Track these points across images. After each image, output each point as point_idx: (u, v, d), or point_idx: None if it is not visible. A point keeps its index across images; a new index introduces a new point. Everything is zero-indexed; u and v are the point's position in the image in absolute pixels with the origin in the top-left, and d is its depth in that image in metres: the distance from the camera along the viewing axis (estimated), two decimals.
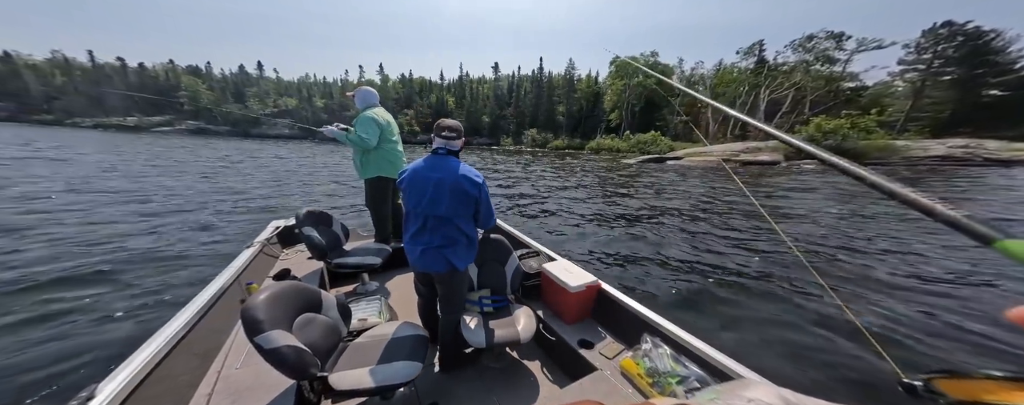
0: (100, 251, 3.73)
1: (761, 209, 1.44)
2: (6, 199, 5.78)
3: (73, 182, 7.39)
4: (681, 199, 8.37)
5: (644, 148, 31.37)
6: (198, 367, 1.27)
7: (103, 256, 3.58)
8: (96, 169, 9.52)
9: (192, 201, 6.37)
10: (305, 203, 6.69)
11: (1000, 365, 2.16)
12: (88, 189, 6.82)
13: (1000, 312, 0.37)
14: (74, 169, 9.27)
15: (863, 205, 7.33)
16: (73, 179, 7.76)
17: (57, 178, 7.82)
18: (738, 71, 34.61)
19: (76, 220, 4.87)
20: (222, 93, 54.03)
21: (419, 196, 1.29)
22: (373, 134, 2.24)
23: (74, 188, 6.85)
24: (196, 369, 1.26)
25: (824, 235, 5.07)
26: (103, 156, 12.77)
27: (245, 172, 10.68)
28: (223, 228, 4.88)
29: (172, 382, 1.14)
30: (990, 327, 2.52)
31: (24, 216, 4.93)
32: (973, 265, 3.86)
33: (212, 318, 1.46)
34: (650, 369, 1.22)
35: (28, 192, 6.26)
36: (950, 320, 2.68)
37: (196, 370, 1.25)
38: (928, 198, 0.32)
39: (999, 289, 3.32)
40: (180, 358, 1.21)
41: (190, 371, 1.23)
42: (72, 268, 3.24)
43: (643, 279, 3.45)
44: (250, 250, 2.14)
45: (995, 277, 3.51)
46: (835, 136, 18.50)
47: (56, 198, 6.00)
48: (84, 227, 4.55)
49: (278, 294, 1.06)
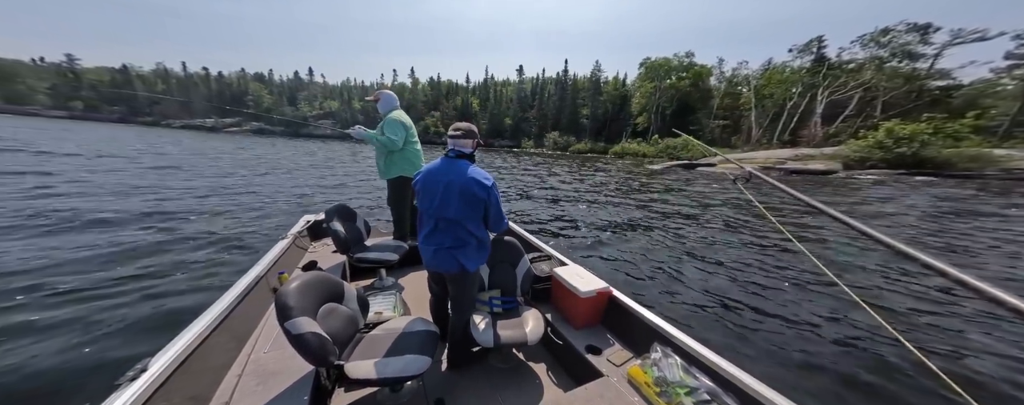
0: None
1: (781, 226, 1.26)
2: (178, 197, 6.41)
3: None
4: (701, 207, 7.58)
5: (673, 153, 29.40)
6: (233, 349, 1.36)
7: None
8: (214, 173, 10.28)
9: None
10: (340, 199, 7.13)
11: None
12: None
13: None
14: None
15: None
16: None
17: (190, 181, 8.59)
18: (790, 70, 30.98)
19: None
20: (279, 97, 60.78)
21: (430, 198, 1.32)
22: (400, 136, 2.33)
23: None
24: (231, 351, 1.35)
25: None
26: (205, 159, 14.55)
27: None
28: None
29: (210, 362, 1.23)
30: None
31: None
32: None
33: (248, 304, 1.57)
34: (658, 378, 1.20)
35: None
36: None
37: (231, 352, 1.34)
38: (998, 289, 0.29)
39: None
40: (218, 340, 1.31)
41: (226, 353, 1.32)
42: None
43: (653, 288, 3.29)
44: (283, 242, 2.32)
45: None
46: (911, 143, 15.62)
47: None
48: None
49: (308, 283, 1.14)
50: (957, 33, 24.49)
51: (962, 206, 8.02)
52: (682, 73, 36.84)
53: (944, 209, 7.63)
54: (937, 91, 24.90)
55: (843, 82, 26.85)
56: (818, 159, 17.70)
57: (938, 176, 14.12)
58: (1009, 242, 5.11)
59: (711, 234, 5.41)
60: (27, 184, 6.51)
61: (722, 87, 36.62)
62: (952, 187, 11.53)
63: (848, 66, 27.71)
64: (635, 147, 34.57)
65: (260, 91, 60.00)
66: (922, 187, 11.63)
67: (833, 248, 4.75)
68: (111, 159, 11.02)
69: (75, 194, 6.02)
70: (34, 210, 4.82)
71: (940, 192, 10.26)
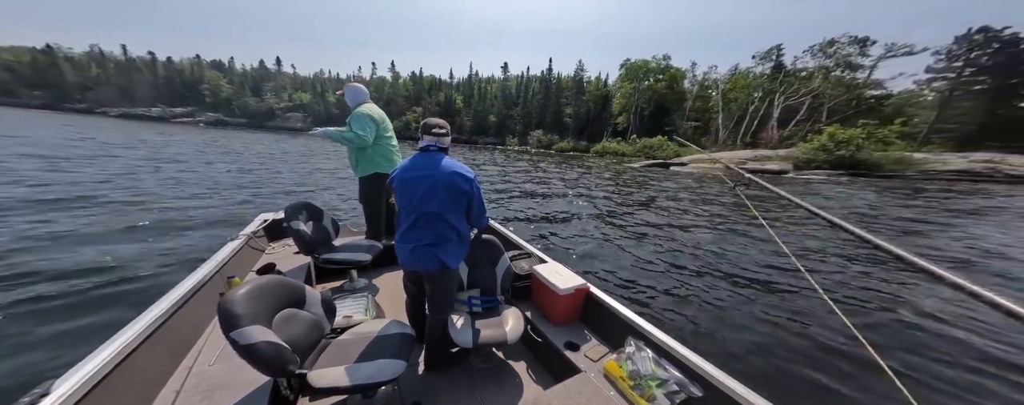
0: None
1: (770, 229, 1.46)
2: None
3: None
4: (679, 203, 8.28)
5: (649, 153, 30.90)
6: (168, 363, 1.25)
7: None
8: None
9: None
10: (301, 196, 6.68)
11: None
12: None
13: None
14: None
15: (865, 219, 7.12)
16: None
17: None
18: (753, 76, 33.56)
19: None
20: (241, 87, 56.03)
21: (411, 193, 1.29)
22: (370, 130, 2.19)
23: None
24: (166, 365, 1.24)
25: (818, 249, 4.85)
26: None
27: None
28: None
29: (138, 379, 1.11)
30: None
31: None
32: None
33: (188, 312, 1.43)
34: (632, 372, 1.23)
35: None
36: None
37: (166, 366, 1.23)
38: (974, 283, 0.34)
39: None
40: (149, 353, 1.18)
41: (159, 367, 1.21)
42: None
43: (630, 280, 3.46)
44: (234, 243, 2.11)
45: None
46: (848, 146, 17.78)
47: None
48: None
49: (259, 288, 1.06)
50: (890, 47, 27.87)
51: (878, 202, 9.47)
52: (659, 75, 38.59)
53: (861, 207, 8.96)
54: (872, 100, 28.29)
55: (796, 89, 29.64)
56: (773, 160, 19.62)
57: (870, 177, 16.26)
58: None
59: (687, 227, 5.91)
60: None
61: (694, 90, 38.90)
62: (862, 187, 13.39)
63: (801, 74, 30.55)
64: (615, 146, 35.76)
65: (217, 80, 54.95)
66: (852, 185, 13.43)
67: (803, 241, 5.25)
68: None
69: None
70: None
71: (854, 191, 11.93)
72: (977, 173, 15.57)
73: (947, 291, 3.63)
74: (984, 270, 4.49)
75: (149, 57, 57.24)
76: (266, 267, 2.04)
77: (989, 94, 23.70)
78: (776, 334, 2.63)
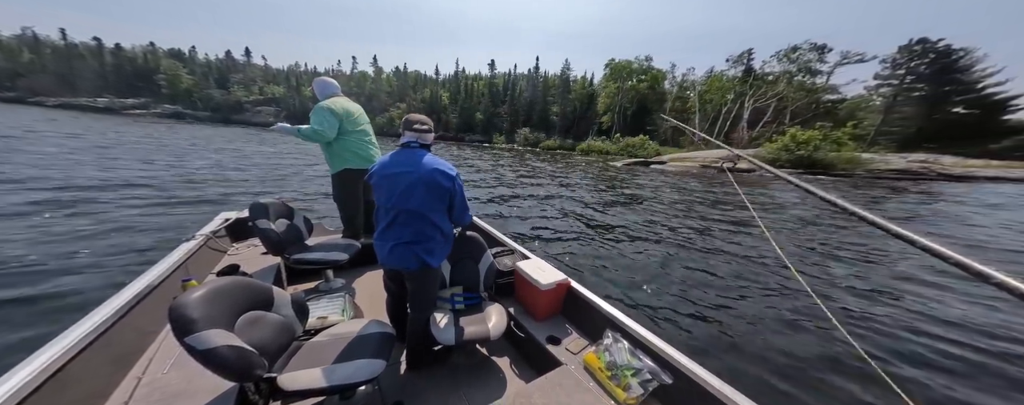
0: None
1: (754, 213, 1.69)
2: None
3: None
4: (659, 197, 8.85)
5: (632, 151, 32.03)
6: (113, 373, 1.16)
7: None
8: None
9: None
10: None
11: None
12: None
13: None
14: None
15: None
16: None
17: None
18: (727, 78, 35.48)
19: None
20: (204, 78, 52.18)
21: (390, 190, 1.26)
22: (329, 125, 2.08)
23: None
24: (110, 374, 1.15)
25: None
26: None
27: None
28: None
29: (77, 388, 1.02)
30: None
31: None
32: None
33: (136, 318, 1.33)
34: (610, 363, 1.27)
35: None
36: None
37: (110, 376, 1.15)
38: (936, 242, 0.38)
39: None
40: (90, 362, 1.08)
41: (104, 377, 1.13)
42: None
43: (605, 272, 3.65)
44: (191, 243, 1.97)
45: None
46: (807, 147, 19.47)
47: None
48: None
49: (218, 291, 1.00)
50: (845, 54, 30.46)
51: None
52: (642, 76, 39.83)
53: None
54: (829, 104, 30.87)
55: (764, 92, 31.77)
56: (743, 159, 21.07)
57: (826, 175, 17.96)
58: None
59: (665, 221, 6.30)
60: None
61: (674, 91, 40.52)
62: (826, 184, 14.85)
63: (768, 77, 32.71)
64: (599, 145, 36.61)
65: (175, 70, 50.39)
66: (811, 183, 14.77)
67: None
68: None
69: None
70: None
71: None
72: (914, 172, 17.66)
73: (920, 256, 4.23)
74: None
75: (94, 43, 51.77)
76: (229, 268, 1.94)
77: (927, 100, 26.62)
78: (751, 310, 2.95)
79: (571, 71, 45.85)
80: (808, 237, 5.83)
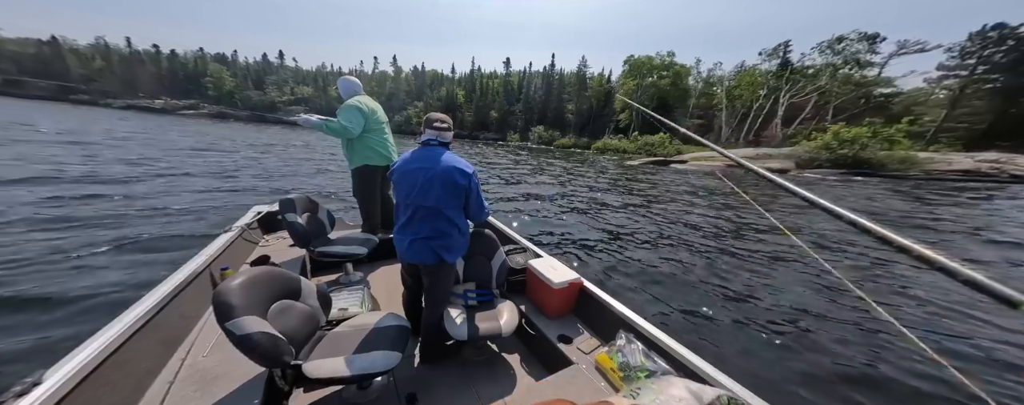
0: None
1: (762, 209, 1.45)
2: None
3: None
4: (677, 198, 8.25)
5: (650, 150, 30.63)
6: (161, 354, 1.24)
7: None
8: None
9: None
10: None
11: None
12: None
13: None
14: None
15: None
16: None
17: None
18: (759, 73, 32.99)
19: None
20: (243, 80, 56.38)
21: (409, 187, 1.30)
22: (356, 123, 2.17)
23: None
24: (159, 356, 1.23)
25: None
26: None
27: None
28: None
29: (130, 369, 1.10)
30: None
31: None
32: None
33: (180, 304, 1.42)
34: (622, 364, 1.26)
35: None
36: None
37: (158, 357, 1.23)
38: (947, 257, 0.30)
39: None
40: (142, 344, 1.17)
41: (152, 358, 1.20)
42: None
43: (621, 272, 3.53)
44: (227, 235, 2.10)
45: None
46: (852, 146, 17.51)
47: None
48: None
49: (254, 279, 1.06)
50: (902, 44, 27.22)
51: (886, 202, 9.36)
52: (663, 71, 38.05)
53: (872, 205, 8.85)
54: (881, 98, 27.70)
55: (802, 86, 29.11)
56: (775, 159, 19.40)
57: (874, 176, 16.04)
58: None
59: (680, 219, 5.96)
60: None
61: (698, 87, 38.34)
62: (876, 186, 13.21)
63: (808, 71, 29.97)
64: (616, 143, 35.44)
65: (221, 73, 55.26)
66: (854, 185, 13.26)
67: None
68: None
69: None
70: None
71: (869, 191, 11.77)
72: (983, 173, 15.29)
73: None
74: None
75: (153, 50, 57.53)
76: (260, 259, 2.05)
77: (1002, 93, 23.13)
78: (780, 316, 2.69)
79: (588, 68, 44.73)
80: (837, 240, 5.11)
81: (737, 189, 1.21)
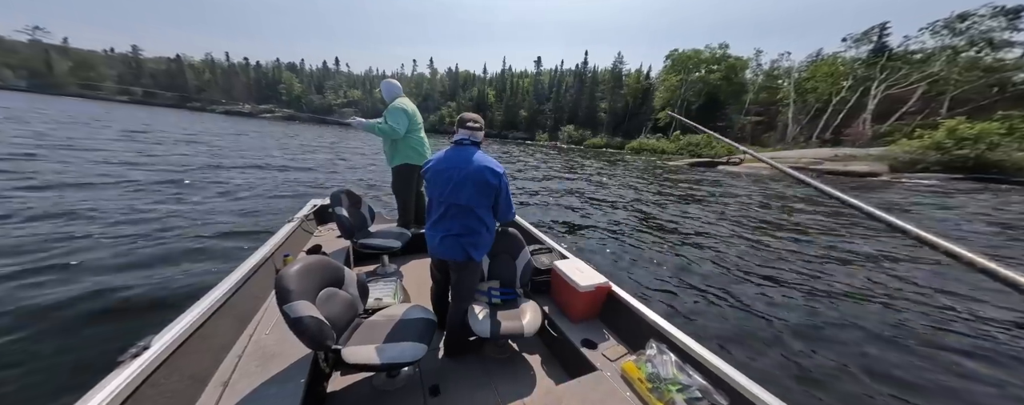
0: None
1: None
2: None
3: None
4: (725, 205, 7.08)
5: (695, 150, 27.53)
6: (235, 330, 1.38)
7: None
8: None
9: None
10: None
11: None
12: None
13: None
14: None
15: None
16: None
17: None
18: (842, 62, 27.60)
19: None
20: (308, 86, 64.44)
21: (443, 185, 1.34)
22: (402, 124, 2.33)
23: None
24: (233, 331, 1.37)
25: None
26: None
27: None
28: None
29: (212, 342, 1.25)
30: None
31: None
32: None
33: (252, 285, 1.60)
34: (652, 374, 1.21)
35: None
36: None
37: (233, 332, 1.37)
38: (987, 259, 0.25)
39: None
40: (221, 320, 1.33)
41: (228, 333, 1.35)
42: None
43: (655, 278, 3.19)
44: (289, 225, 2.35)
45: None
46: (975, 145, 13.42)
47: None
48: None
49: (308, 267, 1.16)
50: None
51: None
52: (713, 65, 34.11)
53: None
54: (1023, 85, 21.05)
55: (904, 75, 23.48)
56: (862, 160, 15.75)
57: (1007, 183, 12.06)
58: None
59: (728, 229, 5.04)
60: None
61: (758, 80, 33.49)
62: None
63: (913, 57, 24.13)
64: (653, 143, 32.69)
65: (291, 80, 63.79)
66: (981, 193, 9.98)
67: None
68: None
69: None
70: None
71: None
72: None
73: None
74: None
75: (244, 62, 69.09)
76: (314, 248, 2.21)
77: None
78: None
79: (624, 65, 42.02)
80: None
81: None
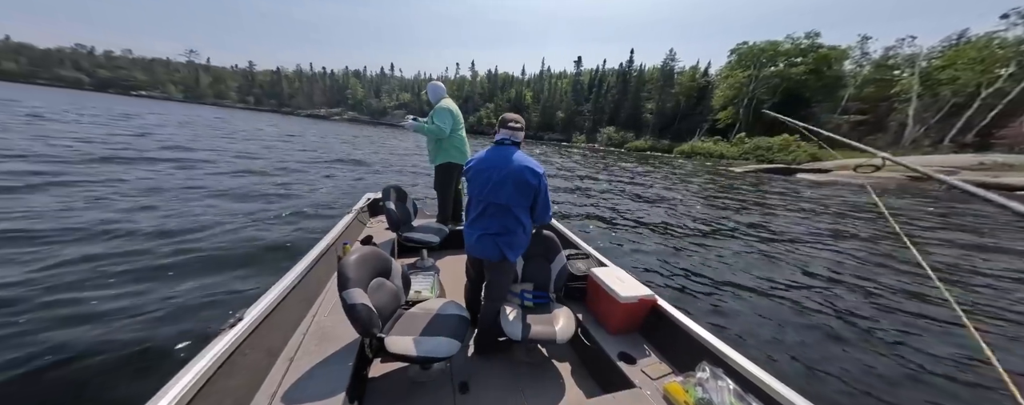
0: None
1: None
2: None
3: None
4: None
5: (764, 155, 22.88)
6: (302, 311, 1.52)
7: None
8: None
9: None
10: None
11: None
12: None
13: None
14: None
15: None
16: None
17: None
18: (998, 44, 20.46)
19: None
20: (369, 90, 72.38)
21: (483, 184, 1.35)
22: (447, 124, 2.45)
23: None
24: (301, 312, 1.51)
25: None
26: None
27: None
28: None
29: (284, 320, 1.38)
30: None
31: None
32: None
33: (317, 270, 1.76)
34: (701, 400, 1.11)
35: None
36: None
37: (300, 313, 1.51)
38: None
39: None
40: (292, 301, 1.47)
41: (297, 313, 1.49)
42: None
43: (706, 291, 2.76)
44: (348, 216, 2.59)
45: None
46: None
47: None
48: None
49: (364, 257, 1.24)
50: None
51: None
52: (796, 58, 28.44)
53: None
54: None
55: None
56: (1021, 170, 10.71)
57: None
58: None
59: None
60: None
61: (863, 73, 26.80)
62: None
63: None
64: (709, 146, 28.22)
65: (356, 85, 72.36)
66: None
67: None
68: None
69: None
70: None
71: None
72: None
73: None
74: None
75: (322, 70, 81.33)
76: (366, 239, 2.39)
77: None
78: None
79: (676, 62, 37.62)
80: None
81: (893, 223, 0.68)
